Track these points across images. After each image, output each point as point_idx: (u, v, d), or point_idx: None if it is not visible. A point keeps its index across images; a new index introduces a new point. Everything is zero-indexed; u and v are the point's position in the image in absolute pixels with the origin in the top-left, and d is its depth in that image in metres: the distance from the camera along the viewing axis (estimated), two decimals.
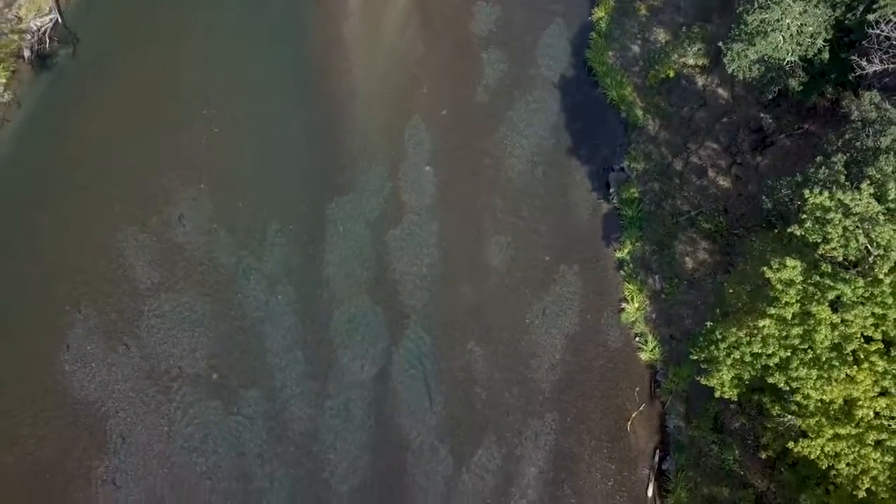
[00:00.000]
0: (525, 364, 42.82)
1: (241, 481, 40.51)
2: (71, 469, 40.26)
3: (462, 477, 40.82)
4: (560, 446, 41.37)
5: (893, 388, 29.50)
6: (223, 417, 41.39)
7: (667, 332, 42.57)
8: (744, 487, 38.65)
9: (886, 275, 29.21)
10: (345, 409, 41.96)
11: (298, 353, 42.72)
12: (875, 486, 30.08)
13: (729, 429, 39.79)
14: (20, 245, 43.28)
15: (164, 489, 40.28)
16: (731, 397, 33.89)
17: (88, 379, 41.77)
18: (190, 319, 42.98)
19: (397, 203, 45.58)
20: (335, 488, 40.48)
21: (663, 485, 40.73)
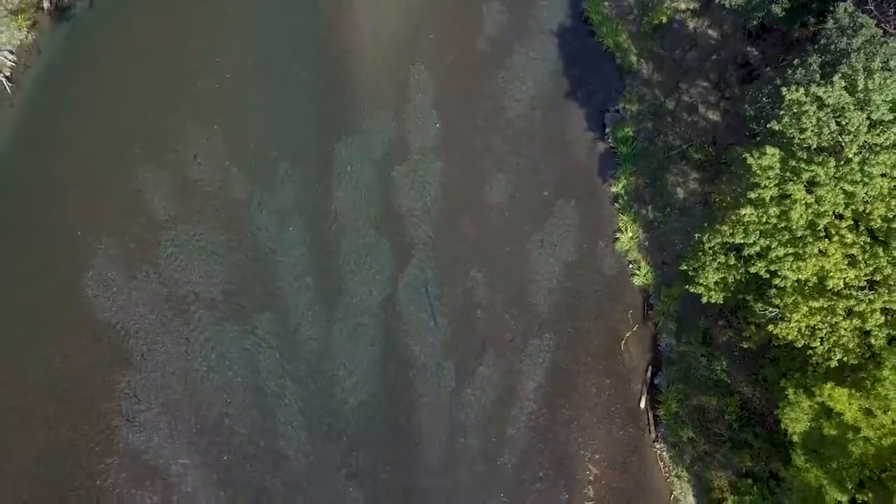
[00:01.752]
0: (524, 289, 56.48)
1: (255, 396, 53.77)
2: (95, 384, 53.53)
3: (465, 391, 54.13)
4: (557, 363, 54.76)
5: (861, 258, 42.07)
6: (238, 338, 54.81)
7: (659, 258, 56.40)
8: (730, 395, 52.11)
9: (855, 154, 40.13)
10: (353, 330, 55.37)
11: (308, 280, 56.37)
12: (846, 355, 42.39)
13: (717, 343, 53.22)
14: (44, 182, 55.81)
15: (182, 402, 53.46)
16: (716, 301, 46.46)
17: (110, 303, 55.26)
18: (205, 249, 56.66)
19: (402, 143, 59.75)
20: (345, 402, 53.78)
21: (655, 397, 54.00)
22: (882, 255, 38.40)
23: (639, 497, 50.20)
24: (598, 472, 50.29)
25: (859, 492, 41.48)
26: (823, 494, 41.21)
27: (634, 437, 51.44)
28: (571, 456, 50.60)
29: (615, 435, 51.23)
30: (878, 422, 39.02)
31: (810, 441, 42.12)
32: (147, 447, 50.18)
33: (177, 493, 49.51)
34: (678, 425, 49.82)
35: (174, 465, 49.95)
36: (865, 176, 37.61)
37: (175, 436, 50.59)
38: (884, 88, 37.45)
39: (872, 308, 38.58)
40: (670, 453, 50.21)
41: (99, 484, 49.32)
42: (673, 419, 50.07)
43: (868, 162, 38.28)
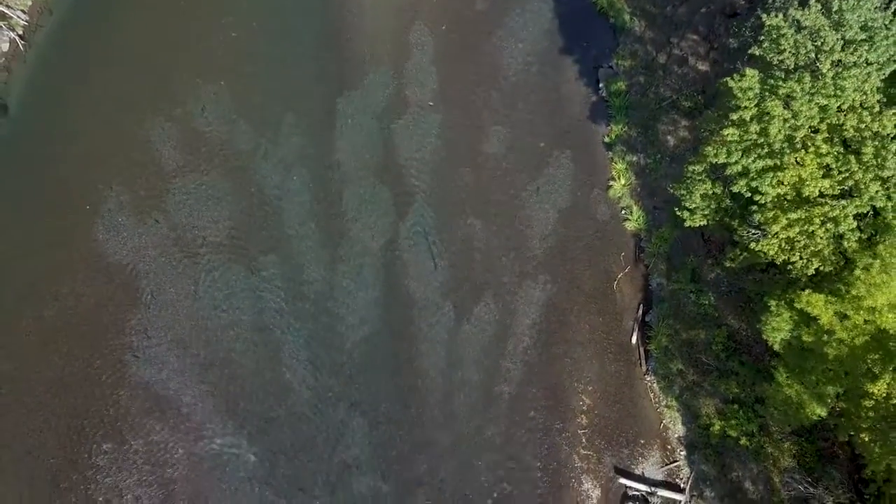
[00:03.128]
0: (520, 234, 69.19)
1: (261, 332, 66.21)
2: (106, 321, 66.01)
3: (463, 328, 66.51)
4: (552, 303, 67.29)
5: (834, 167, 50.72)
6: (244, 279, 67.25)
7: (650, 204, 69.23)
8: (717, 328, 64.61)
9: (829, 70, 48.36)
10: (356, 272, 67.85)
11: (312, 226, 69.09)
12: (822, 263, 51.47)
13: (705, 280, 65.74)
14: (57, 134, 66.83)
15: (190, 339, 65.72)
16: (700, 224, 59.14)
17: (121, 245, 67.91)
18: (213, 196, 69.46)
19: (402, 98, 72.78)
20: (347, 338, 66.17)
21: (646, 333, 66.44)
22: (854, 163, 47.78)
23: (630, 426, 62.17)
24: (591, 403, 62.36)
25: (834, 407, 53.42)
26: (803, 409, 53.13)
27: (626, 371, 63.49)
28: (565, 387, 62.67)
29: (607, 368, 63.31)
30: (850, 323, 48.49)
31: (791, 355, 54.01)
32: (157, 379, 62.22)
33: (186, 422, 61.31)
34: (668, 358, 62.02)
35: (183, 396, 61.80)
36: (838, 89, 48.05)
37: (184, 369, 62.55)
38: (856, 9, 49.09)
39: (845, 213, 47.97)
40: (660, 385, 62.23)
41: (111, 413, 61.25)
42: (663, 353, 62.26)
43: (840, 76, 47.72)
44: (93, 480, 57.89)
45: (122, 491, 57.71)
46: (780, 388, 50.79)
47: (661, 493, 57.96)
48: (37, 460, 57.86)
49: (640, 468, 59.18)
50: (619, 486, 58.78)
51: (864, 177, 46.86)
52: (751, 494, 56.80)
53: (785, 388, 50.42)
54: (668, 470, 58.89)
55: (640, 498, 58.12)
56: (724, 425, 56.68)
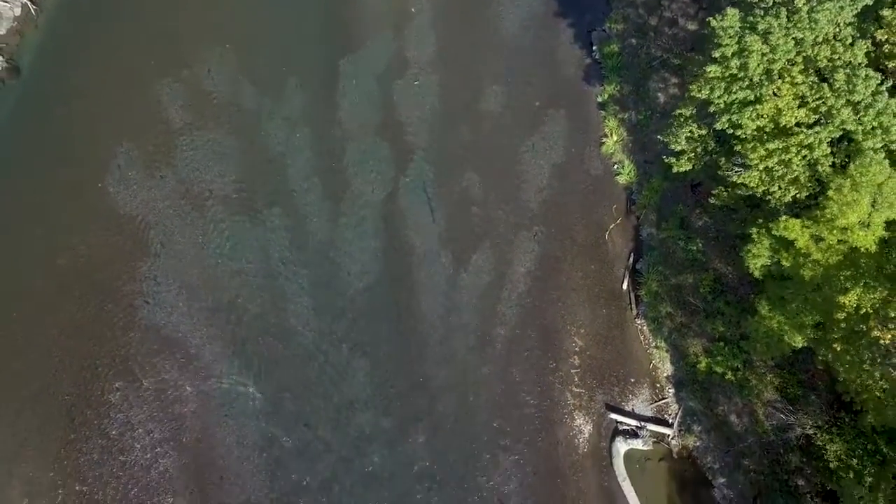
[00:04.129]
0: (516, 188, 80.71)
1: (266, 279, 77.45)
2: (118, 269, 77.18)
3: (461, 275, 77.74)
4: (546, 252, 78.61)
5: (809, 96, 62.37)
6: (250, 229, 78.59)
7: (641, 158, 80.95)
8: (704, 271, 76.19)
9: (804, 4, 57.19)
10: (357, 223, 79.17)
11: (315, 180, 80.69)
12: (799, 190, 64.07)
13: (693, 227, 77.18)
14: (70, 95, 76.30)
15: (198, 285, 76.82)
16: (687, 168, 70.60)
17: (131, 198, 79.28)
18: (219, 152, 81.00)
19: (402, 59, 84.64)
20: (350, 285, 77.57)
21: (636, 280, 78.25)
22: (826, 90, 56.49)
23: (621, 366, 73.27)
24: (583, 345, 73.55)
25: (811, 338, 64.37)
26: (784, 339, 64.18)
27: (617, 315, 74.68)
28: (558, 330, 73.84)
29: (599, 313, 74.50)
30: (825, 244, 56.50)
31: (772, 286, 64.86)
32: (166, 322, 73.39)
33: (194, 362, 72.31)
34: (657, 302, 73.30)
35: (192, 338, 72.78)
36: (812, 22, 56.76)
37: (192, 314, 73.65)
38: None
39: (819, 139, 57.12)
40: (650, 327, 73.43)
41: (123, 353, 72.30)
42: (653, 297, 73.57)
43: (815, 10, 56.62)
44: (106, 416, 68.59)
45: (133, 426, 68.58)
46: (762, 321, 60.83)
47: (650, 427, 68.62)
48: (52, 397, 68.53)
49: (631, 405, 70.19)
50: (610, 421, 69.52)
51: (835, 102, 55.89)
52: (736, 427, 67.78)
53: (767, 320, 60.31)
54: (657, 406, 69.85)
55: (630, 432, 69.02)
56: (711, 362, 67.65)
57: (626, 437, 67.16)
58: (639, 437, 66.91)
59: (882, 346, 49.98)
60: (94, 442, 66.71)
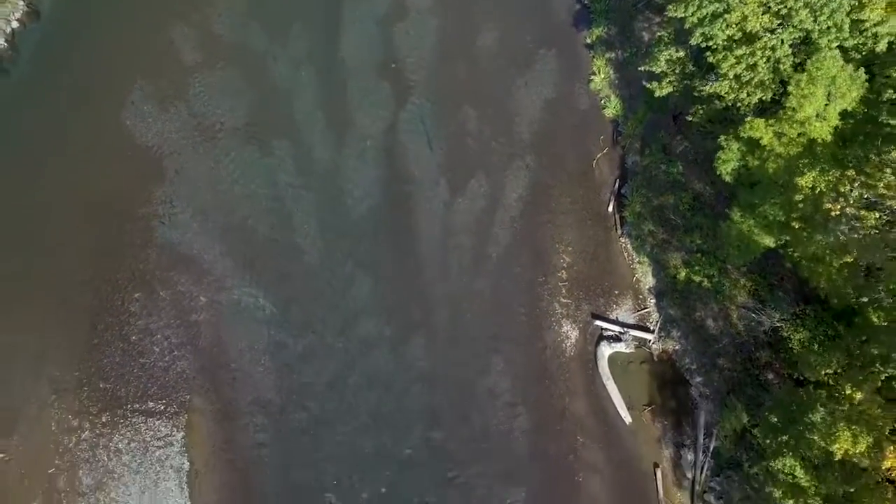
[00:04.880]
0: (509, 121, 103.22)
1: (274, 202, 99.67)
2: (135, 194, 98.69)
3: (457, 200, 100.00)
4: (537, 179, 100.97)
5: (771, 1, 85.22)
6: (259, 158, 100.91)
7: (627, 93, 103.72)
8: (684, 191, 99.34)
9: None
10: (359, 153, 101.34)
11: (319, 114, 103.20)
12: (763, 93, 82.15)
13: (674, 153, 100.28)
14: (86, 35, 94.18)
15: (211, 208, 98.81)
16: (668, 92, 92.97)
17: (146, 130, 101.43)
18: (229, 89, 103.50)
19: (402, 4, 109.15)
20: (352, 208, 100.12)
21: (621, 203, 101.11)
22: None
23: (606, 279, 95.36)
24: (570, 261, 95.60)
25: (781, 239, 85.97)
26: (754, 241, 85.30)
27: (603, 235, 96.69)
28: (547, 249, 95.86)
29: (586, 233, 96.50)
30: (786, 138, 72.94)
31: (743, 193, 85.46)
32: (181, 241, 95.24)
33: (208, 276, 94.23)
34: (640, 221, 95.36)
35: (205, 254, 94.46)
36: None
37: (205, 233, 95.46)
38: None
39: (781, 40, 73.17)
40: (633, 244, 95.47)
41: (141, 269, 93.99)
42: (636, 217, 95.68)
43: None
44: (126, 323, 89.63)
45: (152, 332, 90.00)
46: (734, 226, 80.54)
47: (632, 333, 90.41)
48: (77, 308, 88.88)
49: (615, 314, 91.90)
50: (596, 328, 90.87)
51: (794, 4, 72.54)
52: (711, 330, 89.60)
53: (739, 225, 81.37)
54: (639, 315, 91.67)
55: (614, 337, 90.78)
56: (689, 272, 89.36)
57: (610, 342, 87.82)
58: (622, 341, 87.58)
59: (833, 216, 69.71)
60: (116, 346, 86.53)
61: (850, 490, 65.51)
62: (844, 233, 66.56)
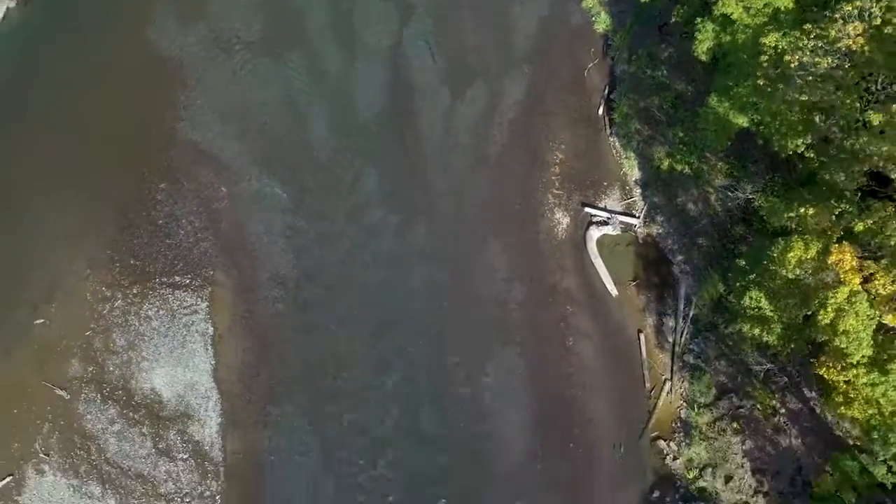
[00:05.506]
0: (506, 36, 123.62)
1: (288, 106, 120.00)
2: (158, 99, 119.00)
3: (457, 104, 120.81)
4: (532, 86, 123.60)
5: None
6: (273, 67, 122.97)
7: (616, 10, 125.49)
8: (667, 91, 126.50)
9: None
10: (366, 65, 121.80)
11: (329, 32, 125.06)
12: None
13: (660, 59, 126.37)
14: None
15: (229, 112, 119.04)
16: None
17: (167, 43, 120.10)
18: (244, 5, 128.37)
19: None
20: (360, 113, 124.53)
21: (610, 107, 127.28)
22: None
23: (595, 173, 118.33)
24: (563, 157, 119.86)
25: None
26: (730, 122, 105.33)
27: (593, 135, 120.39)
28: (542, 147, 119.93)
29: (577, 133, 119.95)
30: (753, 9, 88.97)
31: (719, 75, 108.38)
32: (203, 139, 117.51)
33: (227, 170, 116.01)
34: (628, 121, 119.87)
35: (225, 151, 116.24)
36: None
37: (224, 133, 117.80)
38: None
39: None
40: (621, 142, 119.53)
41: (165, 164, 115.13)
42: (624, 118, 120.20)
43: None
44: (153, 209, 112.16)
45: (177, 217, 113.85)
46: (711, 110, 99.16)
47: (619, 218, 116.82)
48: (108, 197, 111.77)
49: (603, 203, 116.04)
50: (585, 214, 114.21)
51: None
52: (692, 213, 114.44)
53: (716, 108, 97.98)
54: (625, 204, 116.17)
55: (602, 222, 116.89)
56: (672, 161, 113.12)
57: (599, 226, 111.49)
58: (609, 224, 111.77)
59: (792, 66, 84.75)
60: (144, 228, 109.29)
61: (808, 313, 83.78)
62: (801, 77, 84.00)
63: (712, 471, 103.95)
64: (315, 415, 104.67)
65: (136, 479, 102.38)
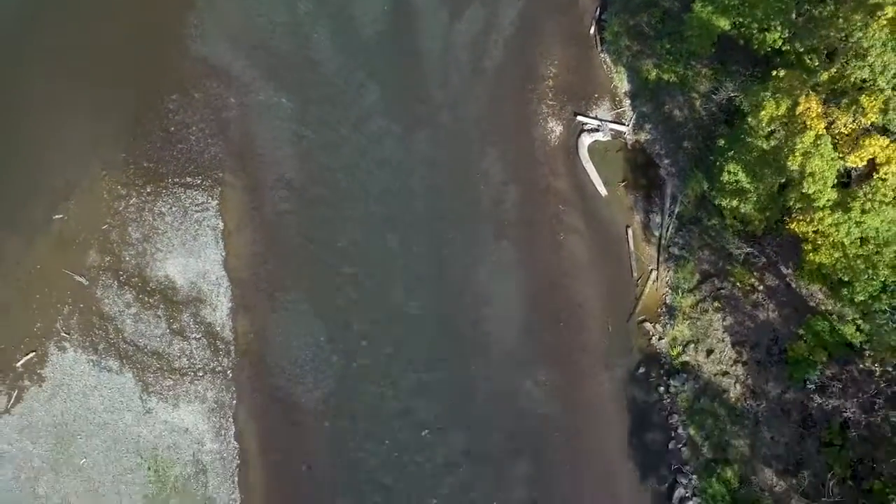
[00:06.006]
0: None
1: (295, 27, 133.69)
2: (171, 19, 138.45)
3: (455, 24, 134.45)
4: (527, 7, 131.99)
5: None
6: None
7: None
8: (655, 8, 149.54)
9: None
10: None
11: None
12: None
13: None
14: None
15: (237, 33, 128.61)
16: None
17: None
18: None
19: None
20: (363, 31, 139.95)
21: (601, 27, 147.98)
22: None
23: (587, 86, 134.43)
24: (556, 72, 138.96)
25: None
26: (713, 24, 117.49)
27: (585, 52, 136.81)
28: (536, 63, 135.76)
29: (570, 51, 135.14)
30: None
31: None
32: (212, 54, 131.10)
33: (236, 82, 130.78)
34: (618, 38, 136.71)
35: (234, 66, 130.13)
36: None
37: (233, 50, 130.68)
38: None
39: None
40: (612, 58, 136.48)
41: (177, 76, 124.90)
42: (614, 36, 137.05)
43: None
44: (165, 117, 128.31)
45: (188, 124, 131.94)
46: (696, 15, 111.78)
47: (610, 125, 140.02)
48: (122, 107, 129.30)
49: (594, 113, 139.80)
50: (577, 123, 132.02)
51: None
52: (678, 119, 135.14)
53: (700, 13, 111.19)
54: (616, 114, 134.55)
55: (593, 129, 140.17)
56: (659, 71, 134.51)
57: (590, 133, 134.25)
58: (600, 131, 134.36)
59: None
60: (157, 135, 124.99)
61: (782, 182, 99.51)
62: None
63: (694, 346, 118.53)
64: (320, 300, 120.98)
65: (152, 356, 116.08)
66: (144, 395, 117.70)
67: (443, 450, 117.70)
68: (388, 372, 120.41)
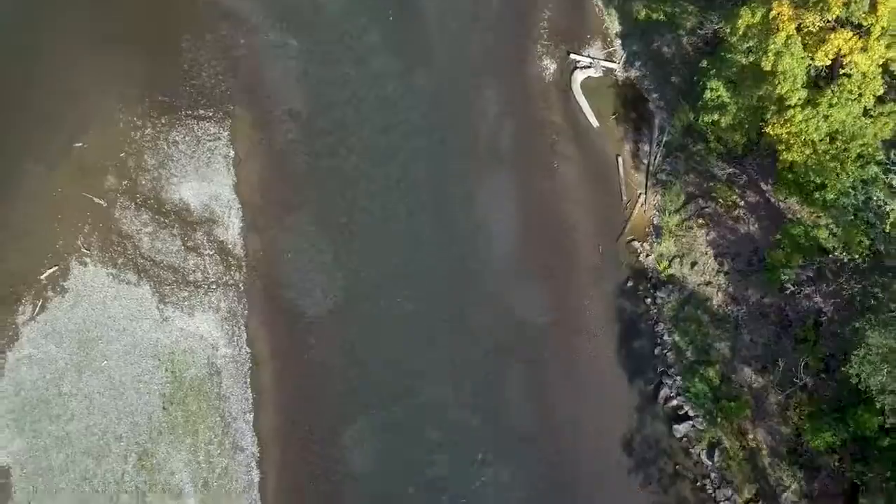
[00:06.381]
0: None
1: None
2: None
3: None
4: None
5: None
6: None
7: None
8: None
9: None
10: None
11: None
12: None
13: None
14: None
15: None
16: None
17: None
18: None
19: None
20: None
21: None
22: None
23: (579, 28, 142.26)
24: (550, 15, 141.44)
25: None
26: None
27: None
28: (530, 9, 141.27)
29: None
30: None
31: None
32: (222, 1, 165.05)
33: (245, 24, 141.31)
34: None
35: (242, 8, 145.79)
36: None
37: None
38: None
39: None
40: (604, 1, 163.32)
41: (188, 19, 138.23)
42: None
43: None
44: (178, 55, 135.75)
45: (200, 62, 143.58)
46: None
47: (601, 63, 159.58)
48: (136, 46, 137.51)
49: (586, 52, 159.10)
50: (570, 61, 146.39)
51: None
52: (666, 55, 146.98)
53: None
54: (607, 53, 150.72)
55: (586, 66, 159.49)
56: (648, 11, 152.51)
57: (583, 69, 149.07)
58: (592, 68, 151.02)
59: None
60: (170, 71, 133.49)
61: (761, 94, 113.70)
62: None
63: (679, 260, 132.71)
64: (326, 222, 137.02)
65: (168, 270, 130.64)
66: (161, 304, 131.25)
67: (443, 353, 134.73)
68: (389, 285, 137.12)
